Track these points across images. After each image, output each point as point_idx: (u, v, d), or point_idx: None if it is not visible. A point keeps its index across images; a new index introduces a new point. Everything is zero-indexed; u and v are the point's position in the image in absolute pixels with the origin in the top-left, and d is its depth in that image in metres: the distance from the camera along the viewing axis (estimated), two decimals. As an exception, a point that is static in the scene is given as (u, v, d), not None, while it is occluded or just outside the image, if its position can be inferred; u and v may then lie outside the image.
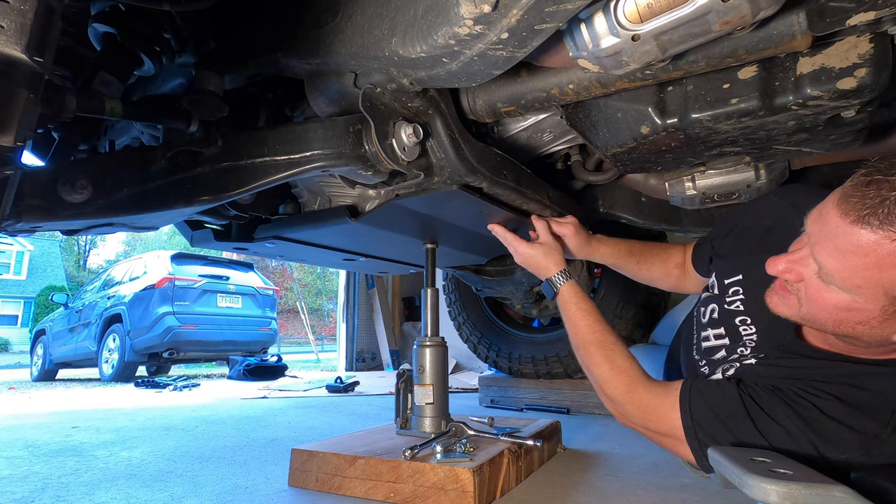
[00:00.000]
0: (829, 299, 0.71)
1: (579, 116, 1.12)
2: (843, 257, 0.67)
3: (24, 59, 0.52)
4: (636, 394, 0.92)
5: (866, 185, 0.65)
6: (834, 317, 0.72)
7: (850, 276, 0.67)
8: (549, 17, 0.62)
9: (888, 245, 0.62)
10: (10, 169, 0.58)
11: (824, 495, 0.58)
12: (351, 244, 1.46)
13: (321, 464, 1.07)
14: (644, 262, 1.28)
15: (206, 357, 5.94)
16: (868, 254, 0.64)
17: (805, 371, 0.82)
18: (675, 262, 1.26)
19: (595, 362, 0.99)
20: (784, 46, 0.80)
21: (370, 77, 0.87)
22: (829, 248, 0.68)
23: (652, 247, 1.29)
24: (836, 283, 0.69)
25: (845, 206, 0.66)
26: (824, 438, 0.74)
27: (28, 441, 1.69)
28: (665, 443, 0.89)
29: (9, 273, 23.72)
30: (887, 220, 0.62)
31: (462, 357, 4.52)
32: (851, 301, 0.69)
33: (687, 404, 0.84)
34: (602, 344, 1.00)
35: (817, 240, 0.71)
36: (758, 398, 0.80)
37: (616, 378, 0.94)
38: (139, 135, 1.19)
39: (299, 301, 22.21)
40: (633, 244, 1.30)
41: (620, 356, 0.97)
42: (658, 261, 1.27)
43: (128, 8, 0.93)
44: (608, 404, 0.97)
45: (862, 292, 0.67)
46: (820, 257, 0.70)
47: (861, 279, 0.66)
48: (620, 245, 1.30)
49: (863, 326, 0.70)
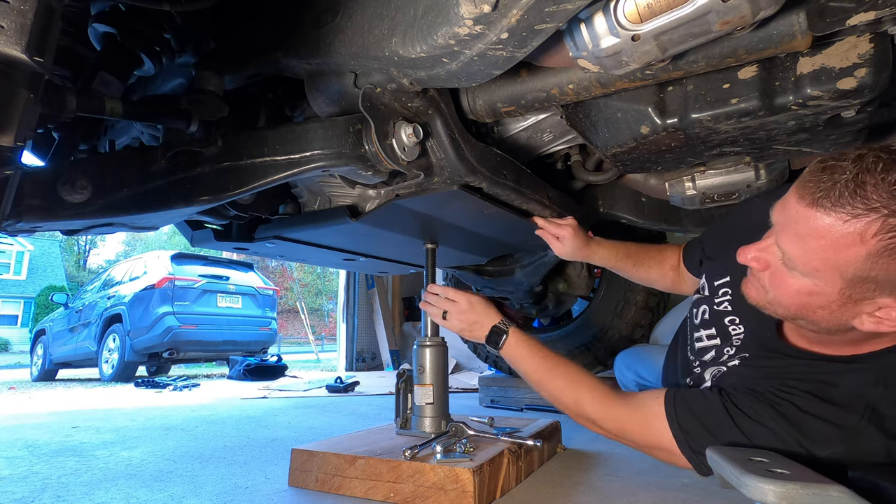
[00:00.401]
0: (792, 284, 0.73)
1: (579, 116, 1.12)
2: (803, 241, 0.69)
3: (24, 59, 0.52)
4: (610, 409, 0.92)
5: (821, 170, 0.67)
6: (796, 301, 0.74)
7: (809, 259, 0.69)
8: (548, 17, 0.62)
9: (841, 226, 0.64)
10: (10, 169, 0.58)
11: (822, 495, 0.58)
12: (351, 244, 1.46)
13: (321, 464, 1.07)
14: (641, 265, 1.30)
15: (206, 357, 5.94)
16: (824, 236, 0.66)
17: (781, 371, 0.83)
18: (670, 264, 1.28)
19: (559, 388, 0.99)
20: (784, 46, 0.80)
21: (370, 77, 0.87)
22: (790, 234, 0.71)
23: (648, 249, 1.31)
24: (797, 269, 0.71)
25: (801, 192, 0.69)
26: (807, 436, 0.75)
27: (28, 441, 1.69)
28: (656, 454, 0.89)
29: (9, 273, 23.72)
30: (839, 202, 0.64)
31: (462, 357, 4.52)
32: (812, 285, 0.71)
33: (674, 415, 0.85)
34: (562, 373, 1.01)
35: (780, 227, 0.73)
36: (739, 403, 0.81)
37: (585, 397, 0.95)
38: (139, 135, 1.19)
39: (299, 301, 22.21)
40: (630, 247, 1.32)
41: (584, 378, 0.98)
42: (654, 263, 1.29)
43: (128, 8, 0.93)
44: (588, 425, 0.96)
45: (820, 275, 0.69)
46: (782, 244, 0.72)
47: (819, 262, 0.68)
48: (618, 248, 1.32)
49: (823, 311, 0.72)
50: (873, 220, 0.62)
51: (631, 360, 1.80)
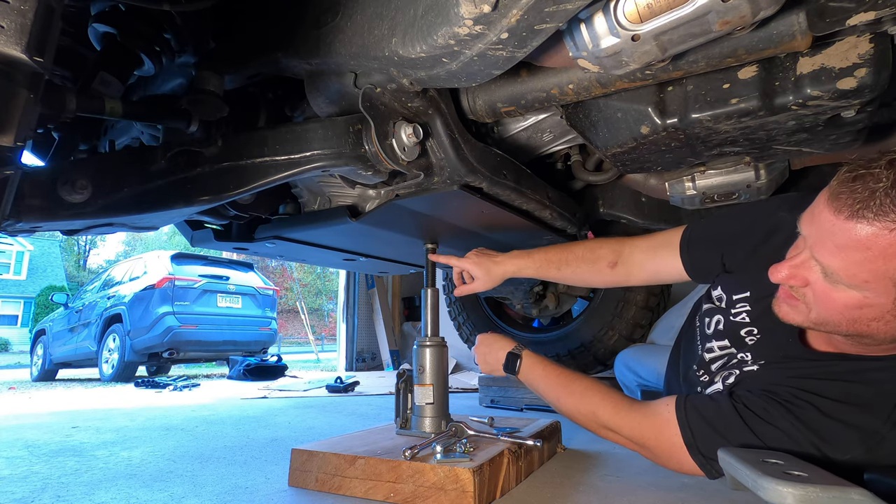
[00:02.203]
0: (839, 299, 0.70)
1: (579, 116, 1.12)
2: (845, 254, 0.66)
3: (24, 59, 0.52)
4: (625, 415, 0.93)
5: (853, 180, 0.65)
6: (847, 316, 0.71)
7: (855, 272, 0.66)
8: (548, 18, 0.62)
9: (887, 235, 0.62)
10: (10, 169, 0.58)
11: (842, 498, 0.57)
12: (351, 244, 1.46)
13: (321, 464, 1.07)
14: (566, 266, 1.22)
15: (206, 357, 5.94)
16: (869, 247, 0.64)
17: (805, 372, 0.82)
18: (605, 262, 1.18)
19: (575, 401, 1.03)
20: (784, 46, 0.80)
21: (370, 77, 0.87)
22: (829, 247, 0.68)
23: (573, 249, 1.23)
24: (843, 282, 0.68)
25: (837, 204, 0.66)
26: (825, 440, 0.74)
27: (28, 441, 1.69)
28: (668, 462, 0.90)
29: (9, 273, 23.72)
30: (881, 210, 0.62)
31: (462, 357, 4.52)
32: (862, 298, 0.68)
33: (685, 420, 0.85)
34: (577, 387, 1.04)
35: (815, 241, 0.70)
36: (751, 405, 0.80)
37: (600, 406, 0.97)
38: (139, 135, 1.19)
39: (299, 301, 22.21)
40: (549, 251, 1.24)
41: (598, 387, 1.01)
42: (583, 262, 1.20)
43: (128, 8, 0.93)
44: (608, 434, 0.98)
45: (870, 287, 0.66)
46: (821, 258, 0.69)
47: (867, 273, 0.65)
48: (534, 255, 1.24)
49: (878, 322, 0.69)
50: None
51: (631, 360, 1.80)
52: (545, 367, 1.11)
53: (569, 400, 1.04)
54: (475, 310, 2.82)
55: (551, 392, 1.08)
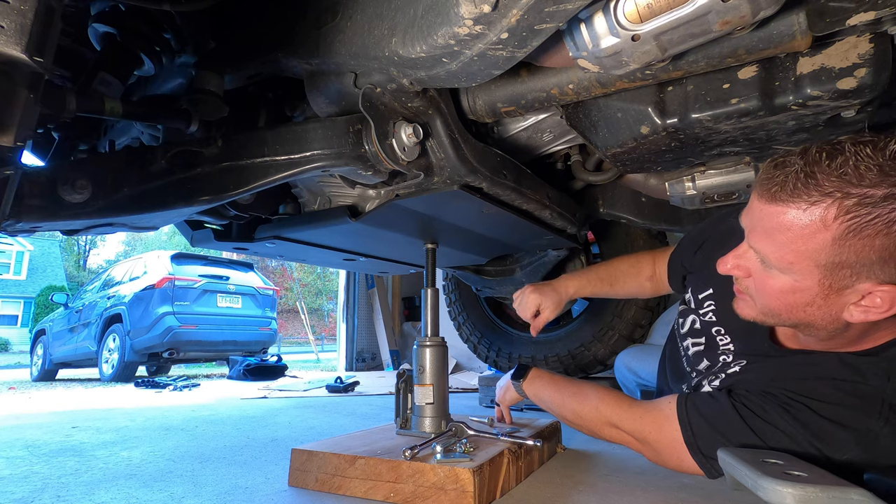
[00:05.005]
0: (773, 285, 0.73)
1: (579, 116, 1.12)
2: (772, 237, 0.70)
3: (24, 59, 0.52)
4: (627, 410, 0.96)
5: (773, 167, 0.69)
6: (783, 302, 0.74)
7: (782, 254, 0.69)
8: (548, 17, 0.62)
9: (802, 215, 0.66)
10: (10, 169, 0.58)
11: (842, 498, 0.57)
12: (351, 244, 1.46)
13: (321, 464, 1.07)
14: (617, 283, 1.31)
15: (206, 357, 5.94)
16: (789, 227, 0.67)
17: (789, 370, 0.83)
18: (646, 275, 1.29)
19: (579, 403, 1.06)
20: (784, 46, 0.80)
21: (370, 77, 0.87)
22: (759, 232, 0.72)
23: (619, 265, 1.33)
24: (774, 266, 0.71)
25: (760, 190, 0.70)
26: (822, 440, 0.74)
27: (28, 441, 1.68)
28: (668, 459, 0.90)
29: (9, 273, 23.72)
30: (794, 192, 0.66)
31: (462, 357, 4.52)
32: (792, 281, 0.71)
33: (686, 419, 0.86)
34: (580, 390, 1.08)
35: (749, 229, 0.74)
36: (751, 405, 0.81)
37: (603, 402, 1.00)
38: (139, 135, 1.19)
39: (299, 301, 22.22)
40: (599, 269, 1.34)
41: (600, 389, 1.04)
42: (629, 278, 1.30)
43: (128, 8, 0.94)
44: (613, 433, 0.99)
45: (796, 268, 0.69)
46: (754, 243, 0.73)
47: (792, 255, 0.68)
48: (588, 275, 1.34)
49: (811, 308, 0.72)
50: (830, 205, 0.63)
51: (631, 360, 1.81)
52: (551, 376, 1.17)
53: (572, 401, 1.06)
54: (475, 310, 2.81)
55: (556, 397, 1.11)
